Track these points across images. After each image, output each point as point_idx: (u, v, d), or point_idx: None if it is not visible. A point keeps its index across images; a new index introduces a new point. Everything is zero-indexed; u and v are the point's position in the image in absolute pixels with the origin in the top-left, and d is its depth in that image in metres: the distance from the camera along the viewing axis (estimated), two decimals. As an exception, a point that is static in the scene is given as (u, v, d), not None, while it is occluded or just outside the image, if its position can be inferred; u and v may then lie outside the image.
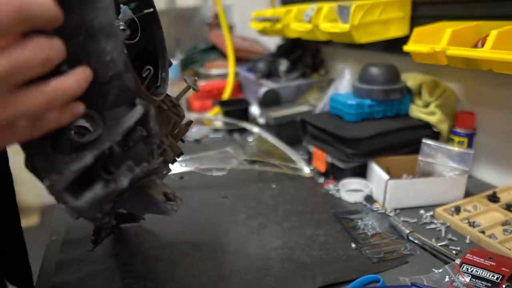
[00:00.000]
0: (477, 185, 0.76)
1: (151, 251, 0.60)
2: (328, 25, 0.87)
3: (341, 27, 0.83)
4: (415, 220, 0.65)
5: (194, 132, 1.13)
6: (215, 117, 1.20)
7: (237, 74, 1.39)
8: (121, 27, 0.41)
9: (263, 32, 1.24)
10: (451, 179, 0.69)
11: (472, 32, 0.67)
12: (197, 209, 0.72)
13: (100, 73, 0.31)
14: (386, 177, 0.68)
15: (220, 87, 1.35)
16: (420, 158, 0.73)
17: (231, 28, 1.77)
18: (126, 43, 0.43)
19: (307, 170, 0.85)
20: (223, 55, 1.52)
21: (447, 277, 0.49)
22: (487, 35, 0.60)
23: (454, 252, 0.55)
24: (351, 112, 0.81)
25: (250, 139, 1.05)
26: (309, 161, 0.88)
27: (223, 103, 1.21)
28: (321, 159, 0.82)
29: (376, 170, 0.72)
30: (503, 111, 0.74)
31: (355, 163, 0.76)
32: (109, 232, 0.59)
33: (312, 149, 0.86)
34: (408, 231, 0.59)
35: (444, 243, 0.58)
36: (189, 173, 0.82)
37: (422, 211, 0.67)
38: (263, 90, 1.12)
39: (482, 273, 0.47)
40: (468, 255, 0.50)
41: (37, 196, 2.41)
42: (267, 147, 0.97)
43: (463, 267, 0.48)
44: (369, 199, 0.71)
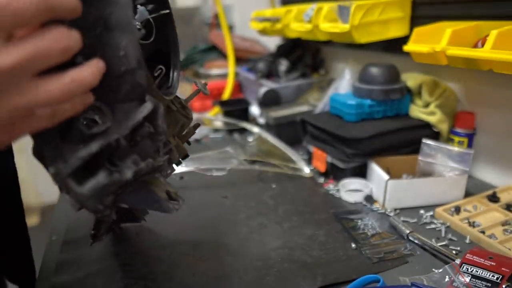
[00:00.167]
0: (477, 185, 0.76)
1: (151, 251, 0.60)
2: (328, 25, 0.87)
3: (341, 27, 0.83)
4: (415, 220, 0.65)
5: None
6: (215, 117, 1.20)
7: (237, 74, 1.39)
8: (137, 26, 0.41)
9: (263, 32, 1.24)
10: (451, 179, 0.69)
11: (472, 32, 0.67)
12: (197, 209, 0.72)
13: (113, 67, 0.32)
14: (386, 177, 0.68)
15: (220, 87, 1.35)
16: (420, 158, 0.73)
17: (231, 28, 1.77)
18: (141, 43, 0.43)
19: (307, 170, 0.85)
20: (223, 55, 1.52)
21: (447, 277, 0.49)
22: (487, 35, 0.60)
23: (454, 252, 0.55)
24: (351, 112, 0.81)
25: (250, 139, 1.05)
26: (309, 161, 0.88)
27: (223, 103, 1.21)
28: (321, 159, 0.82)
29: (376, 170, 0.72)
30: (503, 111, 0.74)
31: (355, 163, 0.76)
32: (109, 229, 0.59)
33: (312, 149, 0.86)
34: (408, 231, 0.59)
35: (444, 243, 0.58)
36: (189, 173, 0.82)
37: (422, 211, 0.67)
38: (263, 90, 1.12)
39: (482, 273, 0.47)
40: (468, 255, 0.50)
41: (37, 196, 2.41)
42: (267, 147, 0.97)
43: (463, 267, 0.48)
44: (369, 199, 0.71)
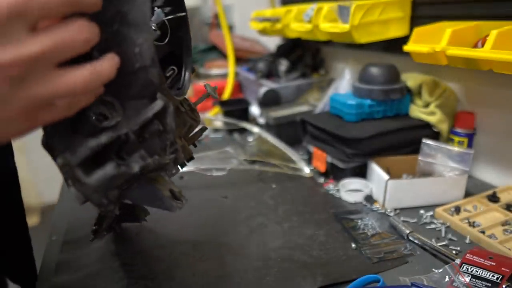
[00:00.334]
0: (477, 185, 0.76)
1: (151, 250, 0.60)
2: (328, 25, 0.87)
3: (341, 27, 0.83)
4: (415, 220, 0.65)
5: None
6: (215, 117, 1.20)
7: (237, 74, 1.39)
8: (152, 28, 0.42)
9: (263, 32, 1.24)
10: (451, 179, 0.69)
11: (472, 32, 0.67)
12: (197, 209, 0.72)
13: (127, 64, 0.32)
14: (386, 177, 0.68)
15: (220, 87, 1.35)
16: (420, 158, 0.73)
17: (231, 28, 1.77)
18: (155, 44, 0.43)
19: (307, 170, 0.85)
20: (223, 55, 1.52)
21: (447, 277, 0.49)
22: (487, 35, 0.60)
23: (454, 252, 0.55)
24: (351, 112, 0.81)
25: (250, 139, 1.05)
26: (309, 161, 0.88)
27: (223, 103, 1.21)
28: (321, 159, 0.82)
29: (376, 170, 0.72)
30: (503, 111, 0.74)
31: (355, 163, 0.76)
32: (110, 228, 0.59)
33: (312, 149, 0.86)
34: (408, 231, 0.59)
35: (444, 243, 0.58)
36: (189, 173, 0.82)
37: (422, 211, 0.67)
38: (263, 90, 1.12)
39: (482, 273, 0.47)
40: (468, 255, 0.50)
41: (37, 196, 2.41)
42: (267, 147, 0.97)
43: (463, 267, 0.48)
44: (369, 199, 0.71)
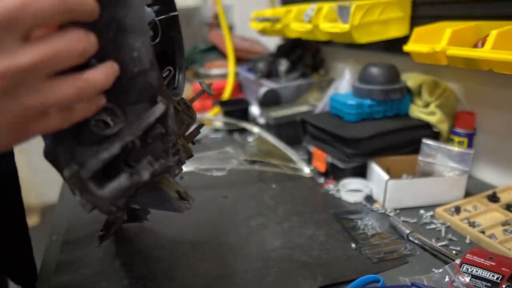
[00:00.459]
0: (477, 185, 0.76)
1: (151, 251, 0.60)
2: (328, 25, 0.87)
3: (341, 27, 0.83)
4: (415, 220, 0.65)
5: (194, 132, 1.13)
6: (215, 117, 1.20)
7: (237, 74, 1.39)
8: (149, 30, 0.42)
9: (263, 32, 1.24)
10: (451, 179, 0.69)
11: (472, 32, 0.67)
12: (197, 209, 0.72)
13: (126, 69, 0.32)
14: (386, 177, 0.68)
15: (220, 87, 1.35)
16: (420, 158, 0.73)
17: (231, 28, 1.77)
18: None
19: (307, 170, 0.85)
20: (223, 55, 1.52)
21: (447, 277, 0.49)
22: (487, 35, 0.60)
23: (454, 252, 0.55)
24: (351, 112, 0.81)
25: (250, 139, 1.05)
26: (309, 161, 0.88)
27: (223, 103, 1.21)
28: (321, 159, 0.82)
29: (376, 170, 0.72)
30: (503, 111, 0.74)
31: (355, 163, 0.76)
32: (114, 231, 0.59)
33: (312, 149, 0.86)
34: (408, 231, 0.59)
35: (444, 243, 0.58)
36: (189, 173, 0.82)
37: (422, 211, 0.67)
38: (263, 90, 1.12)
39: (482, 273, 0.47)
40: (468, 255, 0.50)
41: (37, 196, 2.41)
42: (267, 147, 0.97)
43: (463, 267, 0.48)
44: (369, 199, 0.71)
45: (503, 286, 0.45)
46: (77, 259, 0.58)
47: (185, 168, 0.82)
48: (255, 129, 1.06)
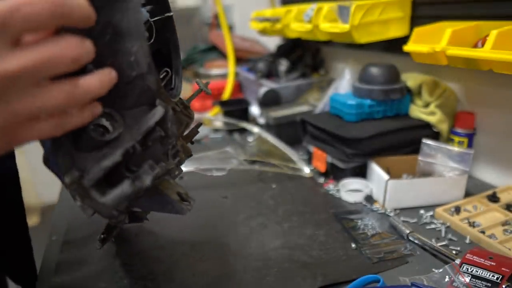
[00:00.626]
0: (477, 185, 0.76)
1: (151, 251, 0.60)
2: (328, 25, 0.87)
3: (341, 27, 0.83)
4: (415, 220, 0.65)
5: (194, 132, 1.13)
6: (215, 117, 1.20)
7: (237, 74, 1.39)
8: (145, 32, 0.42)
9: (263, 32, 1.24)
10: (451, 179, 0.69)
11: (472, 32, 0.67)
12: (197, 209, 0.71)
13: (124, 73, 0.31)
14: (386, 177, 0.68)
15: (220, 87, 1.35)
16: (420, 158, 0.73)
17: (231, 28, 1.77)
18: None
19: (307, 170, 0.85)
20: (223, 55, 1.52)
21: (447, 277, 0.49)
22: (487, 35, 0.60)
23: (454, 252, 0.55)
24: (351, 112, 0.81)
25: (250, 139, 1.05)
26: (309, 161, 0.88)
27: (223, 103, 1.21)
28: (321, 159, 0.82)
29: (376, 170, 0.72)
30: (503, 111, 0.74)
31: (355, 163, 0.76)
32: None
33: (312, 149, 0.86)
34: (408, 231, 0.59)
35: (444, 243, 0.58)
36: (189, 173, 0.82)
37: (422, 211, 0.67)
38: (263, 90, 1.12)
39: (482, 273, 0.47)
40: (468, 255, 0.50)
41: (37, 196, 2.41)
42: (267, 147, 0.97)
43: (463, 267, 0.48)
44: (369, 199, 0.71)
45: (503, 286, 0.45)
46: (77, 259, 0.58)
47: (185, 168, 0.82)
48: (255, 129, 1.06)
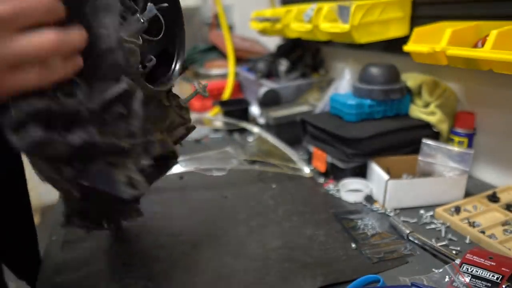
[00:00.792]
0: (477, 185, 0.76)
1: (151, 251, 0.60)
2: (328, 25, 0.87)
3: (341, 27, 0.83)
4: (415, 220, 0.65)
5: (194, 132, 1.13)
6: (215, 117, 1.20)
7: (237, 74, 1.39)
8: (141, 20, 0.42)
9: (263, 32, 1.24)
10: (451, 179, 0.69)
11: (472, 32, 0.67)
12: (197, 209, 0.72)
13: (95, 45, 0.33)
14: (386, 177, 0.68)
15: (220, 87, 1.35)
16: (420, 158, 0.73)
17: (231, 28, 1.77)
18: (149, 39, 0.45)
19: (307, 170, 0.85)
20: (223, 55, 1.52)
21: (447, 277, 0.49)
22: (487, 35, 0.60)
23: (454, 252, 0.55)
24: (351, 112, 0.81)
25: (250, 139, 1.05)
26: (309, 161, 0.88)
27: (223, 103, 1.21)
28: (321, 159, 0.82)
29: (376, 170, 0.72)
30: (503, 111, 0.74)
31: (355, 163, 0.76)
32: (99, 224, 0.56)
33: (312, 149, 0.86)
34: (408, 231, 0.59)
35: (444, 243, 0.58)
36: (189, 173, 0.82)
37: (422, 211, 0.67)
38: (263, 90, 1.12)
39: (482, 273, 0.47)
40: (468, 255, 0.50)
41: (37, 196, 2.41)
42: (267, 147, 0.97)
43: (463, 267, 0.48)
44: (369, 199, 0.71)
45: (503, 286, 0.45)
46: (77, 259, 0.58)
47: (185, 168, 0.82)
48: (255, 129, 1.06)
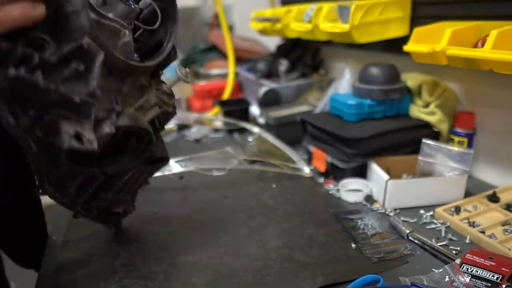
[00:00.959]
0: (477, 185, 0.76)
1: (151, 251, 0.60)
2: (328, 25, 0.87)
3: (341, 27, 0.83)
4: (415, 220, 0.65)
5: (194, 132, 1.13)
6: (215, 117, 1.20)
7: (237, 74, 1.39)
8: (132, 6, 0.46)
9: (263, 32, 1.24)
10: (451, 179, 0.69)
11: (472, 32, 0.67)
12: (197, 209, 0.72)
13: (63, 7, 0.36)
14: (386, 177, 0.68)
15: (220, 87, 1.35)
16: (420, 158, 0.73)
17: (231, 28, 1.77)
18: (140, 26, 0.48)
19: (307, 170, 0.85)
20: (223, 55, 1.52)
21: (447, 277, 0.49)
22: (487, 35, 0.60)
23: (454, 252, 0.56)
24: (351, 112, 0.81)
25: (250, 139, 1.06)
26: (309, 161, 0.88)
27: (223, 103, 1.21)
28: (321, 159, 0.82)
29: (376, 170, 0.72)
30: (503, 111, 0.74)
31: (355, 163, 0.76)
32: (88, 210, 0.57)
33: (312, 149, 0.86)
34: (408, 231, 0.59)
35: (444, 243, 0.58)
36: (189, 173, 0.82)
37: (422, 211, 0.67)
38: (263, 90, 1.12)
39: (482, 273, 0.47)
40: (468, 255, 0.50)
41: (37, 196, 2.41)
42: (267, 147, 0.97)
43: (463, 267, 0.48)
44: (369, 199, 0.71)
45: (503, 286, 0.45)
46: (77, 259, 0.58)
47: (185, 168, 0.82)
48: (255, 129, 1.06)
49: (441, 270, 0.51)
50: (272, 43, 1.48)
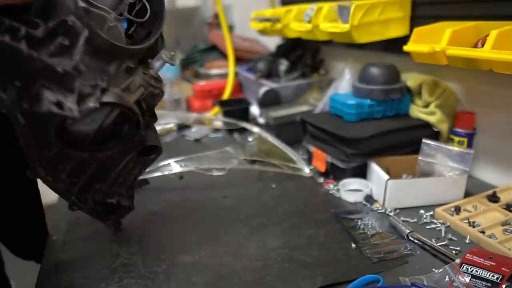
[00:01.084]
0: (477, 185, 0.76)
1: (151, 251, 0.60)
2: (328, 25, 0.87)
3: (341, 27, 0.83)
4: (415, 220, 0.65)
5: (194, 132, 1.13)
6: (215, 117, 1.20)
7: (237, 74, 1.39)
8: None
9: (263, 32, 1.24)
10: (451, 179, 0.69)
11: (472, 32, 0.67)
12: (197, 209, 0.72)
13: None
14: (386, 177, 0.68)
15: (220, 87, 1.35)
16: (420, 158, 0.73)
17: (231, 28, 1.77)
18: (131, 18, 0.51)
19: (307, 170, 0.85)
20: (223, 55, 1.52)
21: (447, 277, 0.49)
22: (487, 35, 0.60)
23: (454, 252, 0.56)
24: (351, 112, 0.81)
25: (250, 139, 1.06)
26: (309, 161, 0.88)
27: (223, 103, 1.21)
28: (321, 159, 0.82)
29: (376, 170, 0.72)
30: (503, 111, 0.74)
31: (355, 163, 0.76)
32: (92, 211, 0.59)
33: (312, 149, 0.86)
34: (408, 231, 0.59)
35: (444, 243, 0.58)
36: (189, 173, 0.82)
37: (422, 211, 0.67)
38: (263, 90, 1.12)
39: (482, 273, 0.47)
40: (468, 255, 0.50)
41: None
42: (267, 147, 0.97)
43: (463, 267, 0.48)
44: (369, 199, 0.71)
45: (503, 286, 0.45)
46: (77, 259, 0.58)
47: (185, 168, 0.82)
48: (255, 129, 1.06)
49: (441, 270, 0.51)
50: (272, 43, 1.48)
